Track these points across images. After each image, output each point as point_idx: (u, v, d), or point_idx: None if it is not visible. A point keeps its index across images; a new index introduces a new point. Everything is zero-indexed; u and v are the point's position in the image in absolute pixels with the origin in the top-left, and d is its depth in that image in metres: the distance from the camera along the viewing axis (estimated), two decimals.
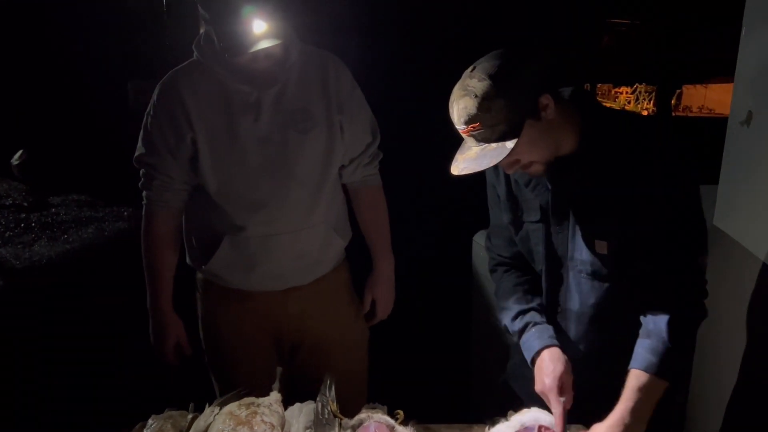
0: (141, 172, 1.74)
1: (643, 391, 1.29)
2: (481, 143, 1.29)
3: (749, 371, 1.74)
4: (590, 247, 1.42)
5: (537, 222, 1.50)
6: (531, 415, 1.45)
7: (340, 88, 1.73)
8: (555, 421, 1.38)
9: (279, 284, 1.77)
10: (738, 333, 1.73)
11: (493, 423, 1.53)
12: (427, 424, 1.61)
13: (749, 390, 1.76)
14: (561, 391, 1.40)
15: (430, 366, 3.09)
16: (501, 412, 1.53)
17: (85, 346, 3.20)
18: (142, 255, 1.79)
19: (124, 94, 7.25)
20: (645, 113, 14.51)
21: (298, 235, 1.72)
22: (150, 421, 1.48)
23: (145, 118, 1.70)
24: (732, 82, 1.87)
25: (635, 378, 1.31)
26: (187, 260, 1.85)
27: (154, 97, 1.68)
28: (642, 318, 1.38)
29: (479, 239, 2.73)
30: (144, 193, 1.75)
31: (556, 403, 1.38)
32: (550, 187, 1.44)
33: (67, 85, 8.35)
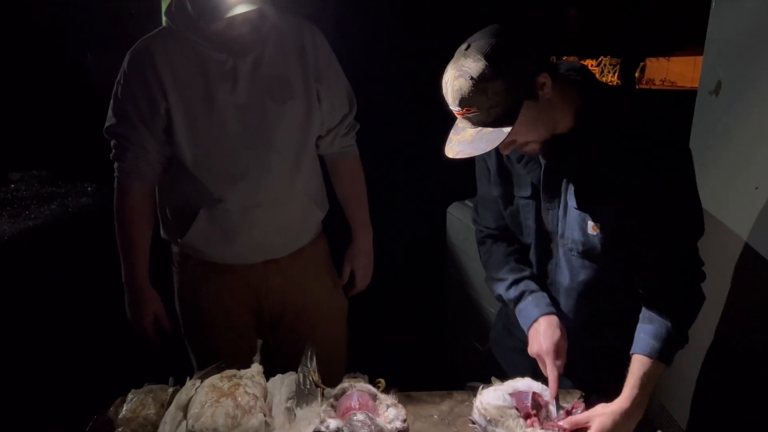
0: (112, 143, 1.69)
1: (647, 376, 1.30)
2: (477, 126, 1.24)
3: (715, 343, 1.81)
4: (582, 227, 1.40)
5: (528, 198, 1.48)
6: (524, 382, 1.47)
7: (318, 57, 1.70)
8: (550, 383, 1.39)
9: (259, 256, 1.75)
10: (707, 303, 1.78)
11: (474, 389, 1.56)
12: (408, 392, 1.63)
13: (709, 361, 1.83)
14: (557, 355, 1.41)
15: (407, 336, 3.12)
16: (480, 380, 1.56)
17: (55, 323, 3.14)
18: (116, 228, 1.75)
19: (85, 66, 7.00)
20: None
21: (278, 206, 1.70)
22: (130, 396, 1.46)
23: (115, 87, 1.64)
24: (694, 55, 1.90)
25: (639, 364, 1.31)
26: (162, 233, 1.82)
27: (125, 65, 1.63)
28: (643, 302, 1.38)
29: (453, 211, 2.75)
30: (116, 165, 1.70)
31: (552, 366, 1.39)
32: (542, 163, 1.41)
33: (26, 58, 8.02)
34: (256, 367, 1.55)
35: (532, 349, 1.46)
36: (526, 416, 1.36)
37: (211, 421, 1.28)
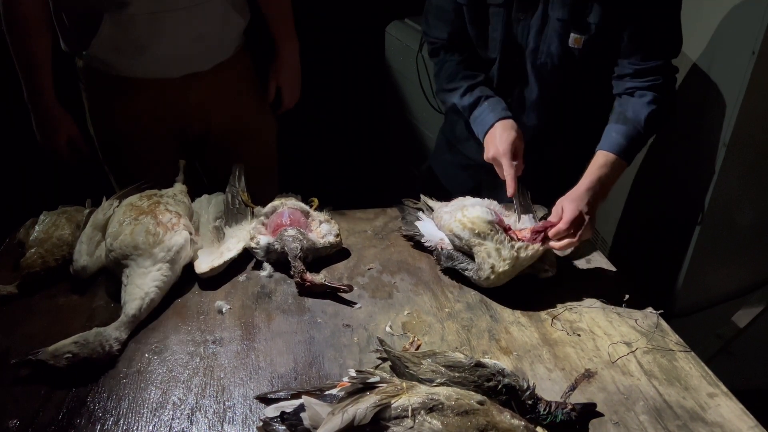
0: None
1: (610, 168, 1.31)
2: None
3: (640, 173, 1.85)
4: (563, 39, 1.35)
5: (500, 6, 1.38)
6: (471, 201, 1.43)
7: None
8: (507, 182, 1.36)
9: (175, 70, 1.58)
10: None
11: (405, 207, 1.54)
12: (342, 210, 1.60)
13: (636, 190, 1.89)
14: (513, 156, 1.38)
15: (345, 159, 3.06)
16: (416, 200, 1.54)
17: None
18: (8, 41, 1.53)
19: None
20: None
21: (191, 11, 1.50)
22: (42, 217, 1.37)
23: None
24: None
25: (604, 157, 1.33)
26: (62, 45, 1.60)
27: None
28: (618, 104, 1.37)
29: (392, 31, 2.57)
30: None
31: (509, 167, 1.36)
32: None
33: None
34: (179, 187, 1.47)
35: (488, 154, 1.42)
36: (505, 230, 1.34)
37: (130, 239, 1.20)
